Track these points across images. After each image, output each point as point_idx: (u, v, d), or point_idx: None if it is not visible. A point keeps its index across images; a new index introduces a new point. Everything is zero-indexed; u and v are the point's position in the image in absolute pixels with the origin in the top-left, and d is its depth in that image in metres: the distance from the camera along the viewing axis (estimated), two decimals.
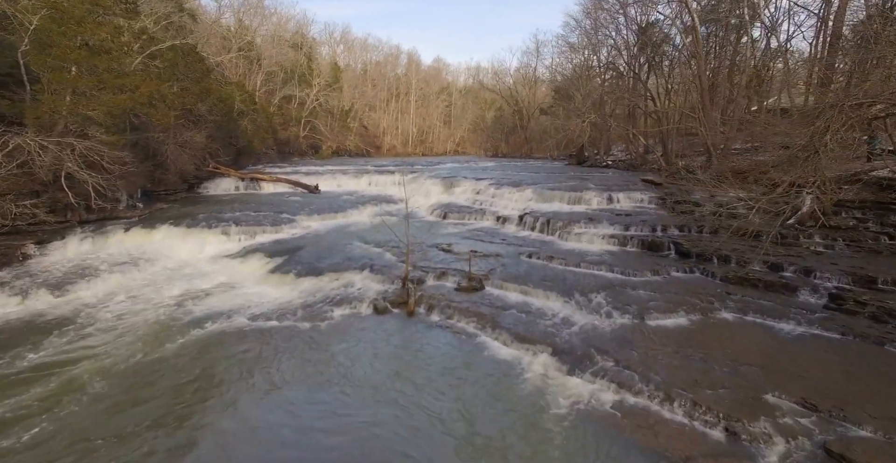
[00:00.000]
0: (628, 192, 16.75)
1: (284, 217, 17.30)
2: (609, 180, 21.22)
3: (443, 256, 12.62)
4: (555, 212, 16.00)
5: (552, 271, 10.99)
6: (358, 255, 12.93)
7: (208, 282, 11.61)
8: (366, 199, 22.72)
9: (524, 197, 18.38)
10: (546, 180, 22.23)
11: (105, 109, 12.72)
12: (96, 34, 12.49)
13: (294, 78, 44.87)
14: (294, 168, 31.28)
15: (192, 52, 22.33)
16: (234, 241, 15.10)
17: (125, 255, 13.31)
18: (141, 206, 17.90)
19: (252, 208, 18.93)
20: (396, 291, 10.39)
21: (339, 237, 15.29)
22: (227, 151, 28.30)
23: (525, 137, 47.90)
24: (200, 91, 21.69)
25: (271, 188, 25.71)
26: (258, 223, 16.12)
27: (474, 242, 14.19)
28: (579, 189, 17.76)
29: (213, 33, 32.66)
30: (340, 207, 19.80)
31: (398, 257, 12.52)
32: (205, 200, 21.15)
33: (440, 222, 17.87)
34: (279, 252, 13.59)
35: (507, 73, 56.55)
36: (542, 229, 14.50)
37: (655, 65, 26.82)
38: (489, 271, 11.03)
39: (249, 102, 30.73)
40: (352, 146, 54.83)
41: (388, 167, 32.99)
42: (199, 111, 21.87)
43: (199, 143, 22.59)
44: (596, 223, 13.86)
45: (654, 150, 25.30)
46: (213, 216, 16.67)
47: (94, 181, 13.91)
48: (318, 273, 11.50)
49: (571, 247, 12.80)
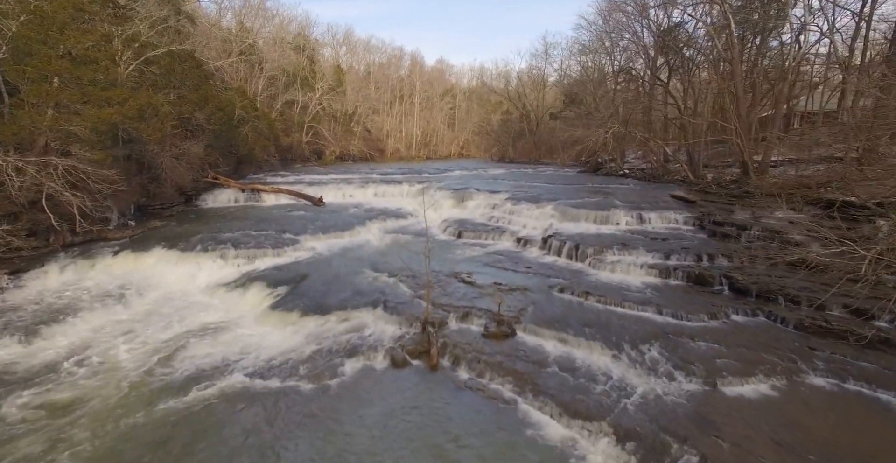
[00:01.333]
0: (660, 211, 15.41)
1: (287, 237, 16.03)
2: (633, 195, 19.88)
3: (463, 289, 11.32)
4: (581, 233, 14.68)
5: (591, 312, 9.67)
6: (368, 286, 11.64)
7: (202, 320, 10.34)
8: (373, 213, 21.44)
9: (545, 214, 17.07)
10: (565, 194, 20.92)
11: (90, 125, 11.47)
12: (80, 42, 11.25)
13: (296, 82, 43.66)
14: (297, 177, 30.04)
15: (189, 58, 21.11)
16: (232, 266, 13.83)
17: (111, 284, 12.04)
18: (133, 224, 16.65)
19: (252, 225, 17.68)
20: (415, 336, 9.09)
21: (346, 262, 14.01)
22: (227, 161, 27.08)
23: (534, 143, 46.57)
24: (198, 99, 20.47)
25: (273, 200, 24.46)
26: (258, 245, 14.86)
27: (496, 270, 12.88)
28: (605, 207, 16.44)
29: (212, 36, 31.46)
30: (347, 224, 18.52)
31: (414, 290, 11.23)
32: (202, 215, 19.90)
33: (454, 242, 16.57)
34: (281, 281, 12.33)
35: (515, 76, 55.22)
36: (570, 255, 13.19)
37: (675, 69, 25.50)
38: (519, 311, 9.72)
39: (250, 109, 29.51)
40: (355, 151, 53.58)
41: (394, 176, 31.73)
42: (197, 120, 20.63)
43: (196, 154, 21.35)
44: (631, 249, 12.54)
45: (676, 159, 23.98)
46: (209, 237, 15.43)
47: (79, 202, 12.69)
48: (324, 311, 10.22)
49: (606, 278, 11.48)
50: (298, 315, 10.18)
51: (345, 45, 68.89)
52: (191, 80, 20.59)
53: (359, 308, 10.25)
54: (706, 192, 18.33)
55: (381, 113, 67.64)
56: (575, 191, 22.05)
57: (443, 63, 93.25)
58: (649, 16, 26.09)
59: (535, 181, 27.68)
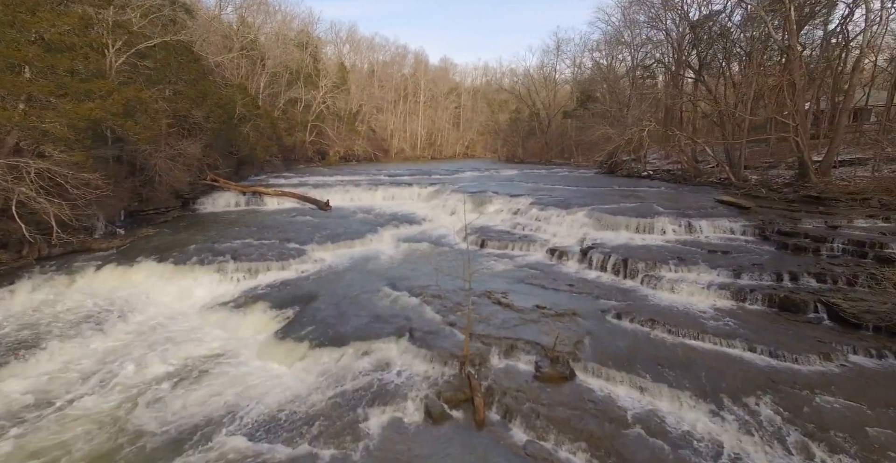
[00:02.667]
0: (711, 219, 13.73)
1: (292, 247, 14.42)
2: (671, 199, 18.18)
3: (501, 313, 9.68)
4: (624, 245, 13.03)
5: (662, 347, 8.03)
6: (388, 309, 10.01)
7: (194, 352, 8.72)
8: (384, 218, 19.83)
9: (577, 222, 15.41)
10: (593, 198, 19.26)
11: (66, 121, 9.87)
12: (55, 26, 9.64)
13: (300, 79, 42.09)
14: (300, 178, 28.44)
15: (186, 51, 19.51)
16: (232, 281, 12.22)
17: (91, 305, 10.44)
18: (122, 232, 15.05)
19: (254, 232, 16.08)
20: (453, 378, 7.46)
21: (359, 278, 12.38)
22: (227, 161, 25.49)
23: (545, 142, 44.90)
24: (196, 95, 18.87)
25: (276, 204, 22.86)
26: (261, 257, 13.25)
27: (532, 288, 11.24)
28: (646, 213, 14.77)
29: (212, 31, 29.88)
30: (357, 231, 16.91)
31: (442, 315, 9.60)
32: (200, 222, 18.30)
33: (478, 253, 14.93)
34: (287, 301, 10.72)
35: (526, 73, 53.48)
36: (616, 270, 11.53)
37: (706, 63, 23.80)
38: (574, 345, 8.08)
39: (252, 107, 27.91)
40: (360, 151, 52.04)
41: (402, 177, 30.12)
42: (194, 118, 19.04)
43: (193, 155, 19.76)
44: (689, 265, 10.87)
45: (714, 159, 22.22)
46: (206, 246, 13.83)
47: (56, 209, 11.09)
48: (339, 341, 8.60)
49: (667, 301, 9.82)
50: (308, 346, 8.56)
51: (348, 42, 67.41)
52: (188, 75, 19.00)
53: (380, 338, 8.63)
54: (754, 196, 16.66)
55: (386, 112, 66.05)
56: (603, 194, 20.38)
57: (446, 62, 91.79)
58: (681, 5, 24.40)
59: (555, 183, 26.03)
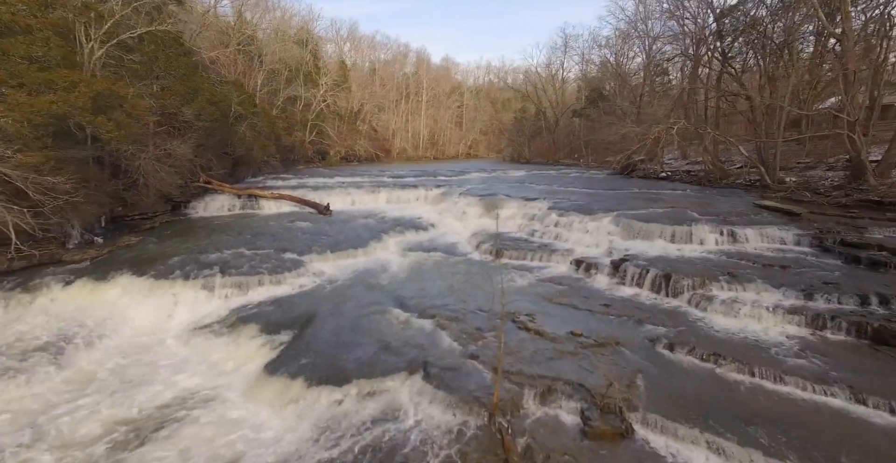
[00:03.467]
0: (757, 227, 12.26)
1: (288, 258, 13.01)
2: (703, 204, 16.70)
3: (529, 341, 8.25)
4: (661, 256, 11.58)
5: (738, 391, 6.58)
6: (397, 336, 8.59)
7: (167, 392, 7.31)
8: (388, 223, 18.41)
9: (602, 229, 13.97)
10: (615, 201, 17.81)
11: (21, 116, 8.47)
12: (5, 3, 8.23)
13: (299, 77, 40.69)
14: (299, 180, 27.06)
15: (175, 44, 18.11)
16: (219, 298, 10.82)
17: (52, 330, 9.04)
18: (100, 241, 13.64)
19: (247, 240, 14.68)
20: (480, 432, 6.04)
21: (363, 294, 10.96)
22: (222, 162, 24.08)
23: (553, 142, 43.44)
24: (186, 91, 17.49)
25: (273, 207, 21.47)
26: (253, 270, 11.84)
27: (561, 308, 9.81)
28: (681, 220, 13.31)
29: (207, 25, 28.50)
30: (359, 239, 15.50)
31: (461, 344, 8.19)
32: (189, 228, 16.90)
33: (492, 263, 13.49)
34: (281, 323, 9.33)
35: (532, 70, 51.87)
36: (656, 287, 10.09)
37: (732, 57, 22.34)
38: (627, 387, 6.65)
39: (248, 105, 26.52)
40: (361, 151, 50.70)
41: (406, 178, 28.71)
42: (184, 116, 17.64)
43: (184, 155, 18.37)
44: (744, 282, 9.41)
45: (736, 159, 20.81)
46: (193, 257, 12.42)
47: (16, 217, 9.71)
48: (340, 378, 7.18)
49: (726, 327, 8.37)
50: (304, 385, 7.14)
51: (349, 41, 66.11)
52: (177, 70, 17.61)
53: (388, 375, 7.21)
54: (796, 200, 15.19)
55: (387, 111, 64.72)
56: (625, 198, 18.93)
57: (448, 61, 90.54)
58: None
59: (568, 185, 24.60)
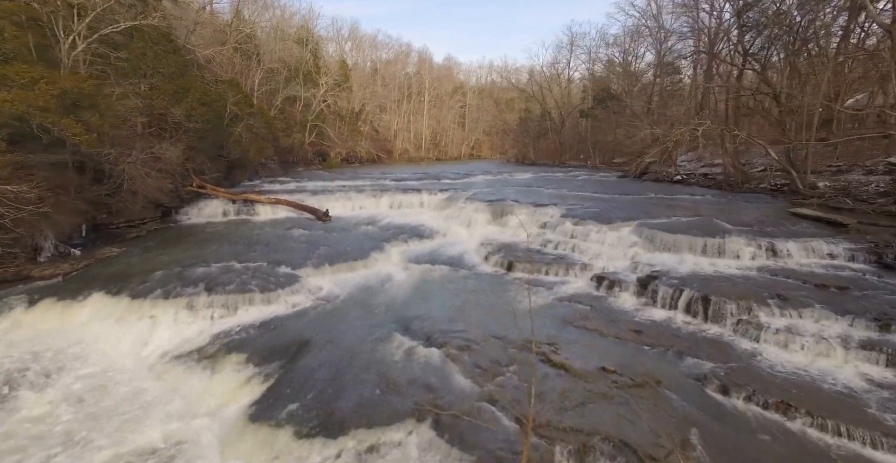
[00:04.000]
0: (799, 240, 11.12)
1: (282, 272, 11.93)
2: (730, 211, 15.52)
3: (554, 377, 7.15)
4: (693, 273, 10.46)
5: (823, 455, 5.46)
6: (402, 368, 7.51)
7: (130, 443, 6.23)
8: (390, 231, 17.34)
9: (623, 240, 12.86)
10: (631, 207, 16.67)
11: None
12: None
13: (299, 76, 39.61)
14: (298, 183, 25.99)
15: (164, 40, 17.05)
16: (203, 320, 9.75)
17: (6, 361, 7.97)
18: (78, 253, 12.57)
19: (239, 251, 13.62)
20: None
21: (364, 316, 9.88)
22: (216, 165, 23.03)
23: (559, 143, 42.31)
24: (175, 91, 16.42)
25: (269, 213, 20.41)
26: (243, 286, 10.75)
27: (584, 333, 8.70)
28: (712, 231, 12.16)
29: (203, 23, 27.46)
30: (360, 249, 14.42)
31: (474, 379, 7.10)
32: (178, 236, 15.84)
33: (505, 278, 12.40)
34: (270, 351, 8.27)
35: (537, 69, 50.63)
36: (691, 310, 8.97)
37: (753, 53, 21.16)
38: (680, 444, 5.54)
39: (245, 105, 25.44)
40: (363, 152, 49.59)
41: (409, 182, 27.59)
42: (174, 117, 16.59)
43: (174, 158, 17.32)
44: (798, 307, 8.27)
45: (757, 162, 19.67)
46: (177, 272, 11.35)
47: None
48: (335, 428, 6.10)
49: (784, 363, 7.25)
50: (292, 435, 6.07)
51: (350, 40, 64.98)
52: (166, 68, 16.54)
53: (392, 424, 6.12)
54: (835, 208, 14.04)
55: (389, 112, 63.59)
56: (642, 204, 17.79)
57: (451, 60, 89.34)
58: None
59: (579, 189, 23.48)
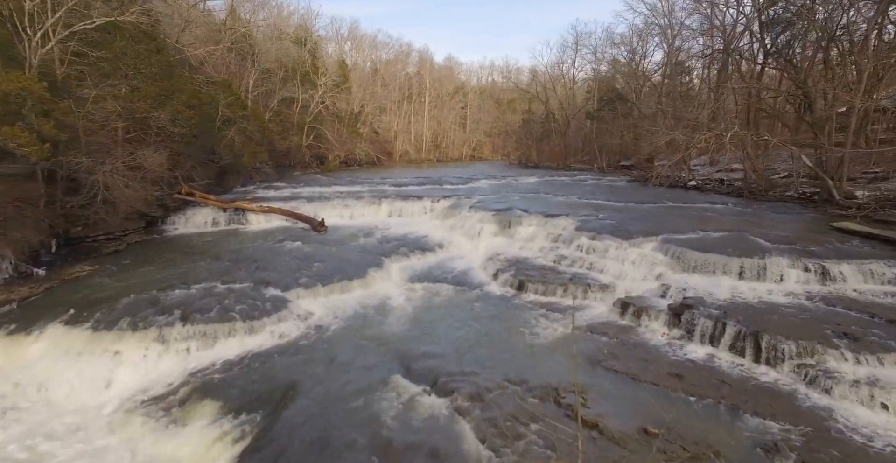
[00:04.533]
0: (854, 261, 9.85)
1: (270, 294, 10.75)
2: (755, 222, 14.28)
3: (587, 442, 5.94)
4: (732, 300, 9.25)
5: None
6: (402, 429, 6.31)
7: None
8: (390, 243, 16.17)
9: (646, 258, 11.64)
10: (650, 218, 15.44)
11: None
12: None
13: (296, 77, 38.43)
14: (293, 189, 24.80)
15: (147, 38, 15.87)
16: (176, 354, 8.57)
17: None
18: (42, 273, 11.36)
19: (224, 269, 12.44)
20: None
21: (358, 352, 8.68)
22: (207, 171, 21.86)
23: (564, 145, 41.11)
24: (158, 93, 15.24)
25: (262, 222, 19.24)
26: (224, 313, 9.57)
27: (616, 377, 7.49)
28: (746, 248, 10.92)
29: (194, 21, 26.30)
30: (356, 264, 13.25)
31: (488, 444, 5.90)
32: (161, 250, 14.65)
33: (515, 300, 11.20)
34: (249, 399, 7.09)
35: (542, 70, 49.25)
36: (737, 348, 7.77)
37: (777, 51, 19.89)
38: None
39: (238, 107, 24.27)
40: (362, 154, 48.47)
41: (409, 187, 26.40)
42: (156, 121, 15.41)
43: (158, 165, 16.13)
44: (877, 349, 6.98)
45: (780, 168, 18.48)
46: (151, 296, 10.15)
47: None
48: None
49: (876, 427, 6.02)
50: None
51: (350, 40, 63.78)
52: (148, 68, 15.35)
53: None
54: (884, 221, 12.78)
55: (389, 113, 62.42)
56: (661, 214, 16.58)
57: (451, 60, 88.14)
58: None
59: (588, 195, 22.27)
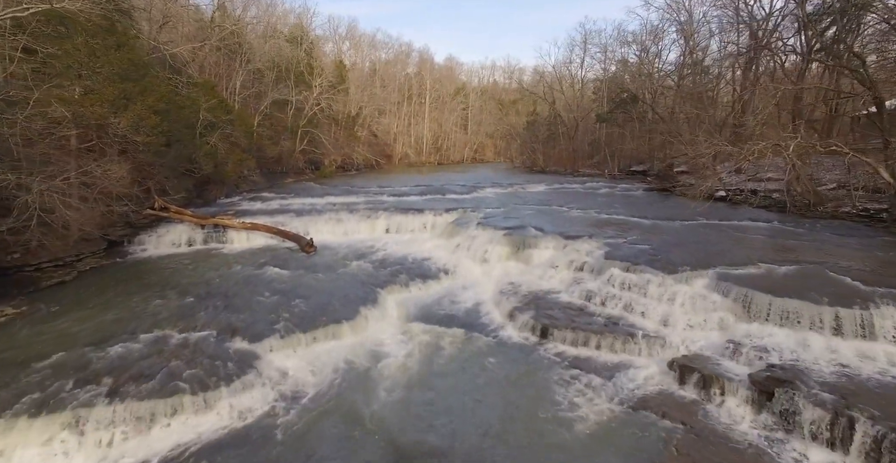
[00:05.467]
0: None
1: (235, 348, 8.61)
2: (824, 249, 12.05)
3: None
4: (838, 370, 7.07)
5: None
6: None
7: None
8: (386, 267, 14.06)
9: (700, 300, 9.48)
10: (689, 242, 13.26)
11: None
12: None
13: (290, 78, 36.28)
14: (283, 201, 22.63)
15: (104, 33, 13.73)
16: (91, 450, 6.45)
17: None
18: None
19: (187, 308, 10.32)
20: None
21: (342, 441, 6.53)
22: (185, 182, 19.71)
23: (573, 149, 38.98)
24: (116, 96, 13.10)
25: (244, 240, 17.14)
26: (169, 380, 7.42)
27: None
28: (837, 291, 8.70)
29: (176, 16, 24.17)
30: (346, 299, 11.15)
31: None
32: (117, 280, 12.50)
33: (538, 351, 9.03)
34: None
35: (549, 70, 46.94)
36: (871, 459, 5.60)
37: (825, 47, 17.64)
38: None
39: (221, 111, 22.13)
40: (360, 159, 46.33)
41: (410, 197, 24.23)
42: (117, 129, 13.25)
43: (120, 179, 13.99)
44: None
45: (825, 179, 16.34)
46: (77, 356, 8.02)
47: None
48: None
49: None
50: None
51: (348, 39, 61.62)
52: (106, 67, 13.20)
53: None
54: None
55: (388, 114, 60.28)
56: (702, 235, 14.39)
57: (452, 61, 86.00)
58: None
59: (608, 208, 20.10)
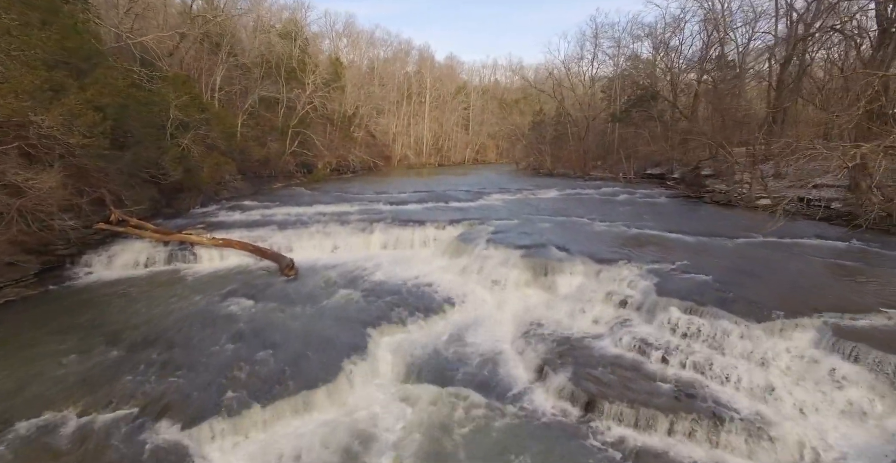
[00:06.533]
0: None
1: (158, 441, 5.99)
2: None
3: None
4: None
5: None
6: None
7: None
8: (380, 297, 11.45)
9: (813, 364, 6.87)
10: (764, 271, 10.60)
11: None
12: None
13: (280, 75, 33.68)
14: (265, 210, 19.97)
15: (23, 6, 11.14)
16: None
17: None
18: None
19: (112, 363, 7.74)
20: None
21: None
22: (146, 191, 17.04)
23: (583, 151, 36.36)
24: (37, 88, 10.49)
25: (215, 258, 14.59)
26: None
27: None
28: None
29: (143, 2, 21.57)
30: (326, 347, 8.54)
31: None
32: (35, 319, 9.88)
33: (580, 432, 6.42)
34: None
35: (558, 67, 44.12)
36: None
37: None
38: None
39: (195, 109, 19.48)
40: (356, 161, 43.75)
41: (409, 205, 21.58)
42: (40, 129, 10.63)
43: (52, 189, 11.41)
44: None
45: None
46: None
47: None
48: None
49: None
50: None
51: (346, 36, 58.95)
52: (27, 51, 10.59)
53: None
54: None
55: (387, 114, 57.65)
56: (771, 261, 11.76)
57: (453, 59, 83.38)
58: None
59: (636, 220, 17.40)
